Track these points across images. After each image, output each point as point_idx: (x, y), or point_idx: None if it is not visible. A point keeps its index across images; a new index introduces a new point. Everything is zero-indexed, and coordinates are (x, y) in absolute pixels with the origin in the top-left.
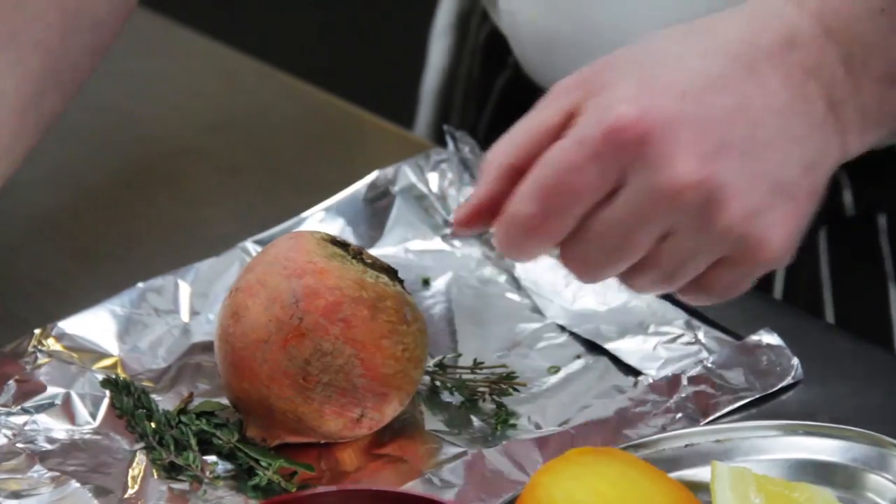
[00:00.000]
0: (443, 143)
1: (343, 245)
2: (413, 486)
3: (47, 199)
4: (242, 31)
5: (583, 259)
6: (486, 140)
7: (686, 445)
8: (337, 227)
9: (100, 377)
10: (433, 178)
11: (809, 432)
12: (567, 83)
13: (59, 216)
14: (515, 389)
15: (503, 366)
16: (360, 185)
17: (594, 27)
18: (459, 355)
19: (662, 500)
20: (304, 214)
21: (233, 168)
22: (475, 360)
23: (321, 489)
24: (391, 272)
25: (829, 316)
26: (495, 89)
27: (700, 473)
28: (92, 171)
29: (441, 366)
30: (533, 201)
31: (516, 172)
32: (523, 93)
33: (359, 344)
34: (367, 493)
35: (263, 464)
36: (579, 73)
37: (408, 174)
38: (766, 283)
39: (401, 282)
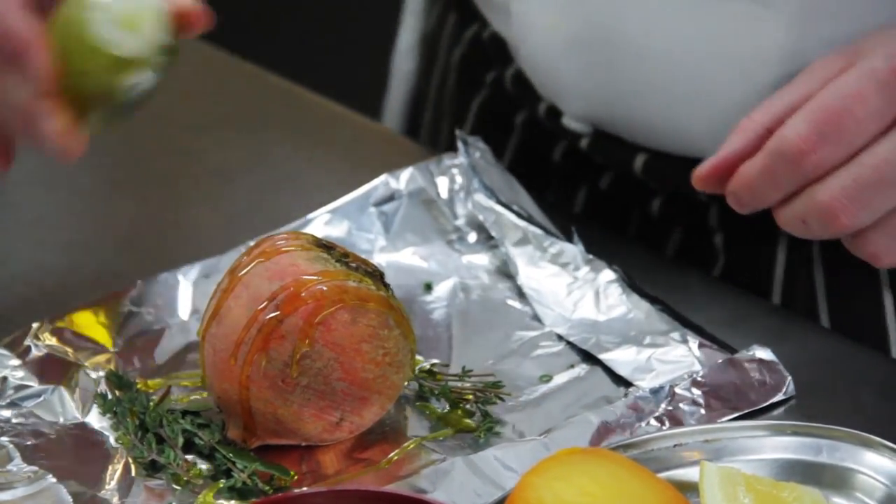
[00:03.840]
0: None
1: (328, 248)
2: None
3: (40, 200)
4: (236, 36)
5: (855, 196)
6: None
7: (675, 445)
8: (343, 230)
9: (92, 373)
10: (442, 182)
11: (798, 432)
12: (828, 58)
13: (51, 216)
14: (500, 398)
15: (491, 374)
16: (367, 188)
17: (616, 32)
18: (447, 365)
19: (651, 500)
20: (309, 216)
21: (225, 170)
22: (463, 368)
23: (310, 490)
24: (377, 276)
25: (825, 320)
26: (472, 109)
27: (689, 473)
28: (85, 171)
29: (430, 371)
30: (809, 123)
31: (769, 135)
32: (501, 112)
33: (338, 347)
34: (355, 493)
35: (239, 466)
36: (839, 48)
37: (417, 178)
38: (765, 289)
39: (387, 286)
